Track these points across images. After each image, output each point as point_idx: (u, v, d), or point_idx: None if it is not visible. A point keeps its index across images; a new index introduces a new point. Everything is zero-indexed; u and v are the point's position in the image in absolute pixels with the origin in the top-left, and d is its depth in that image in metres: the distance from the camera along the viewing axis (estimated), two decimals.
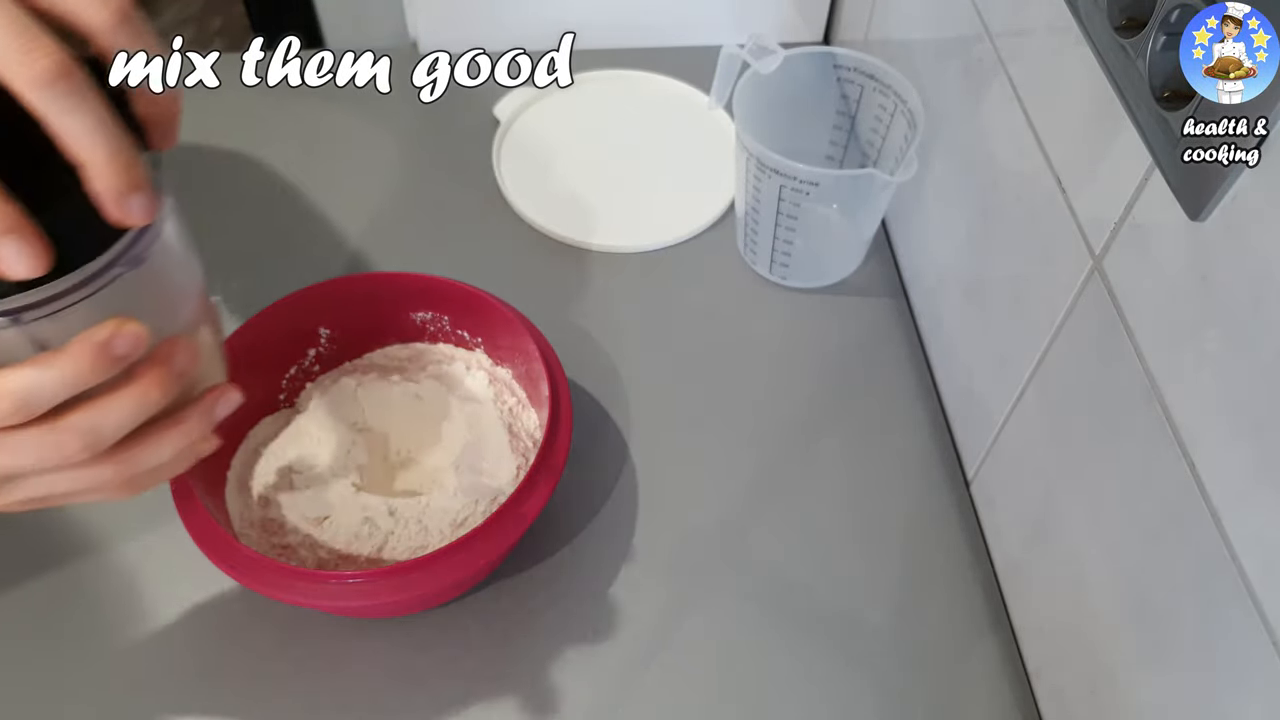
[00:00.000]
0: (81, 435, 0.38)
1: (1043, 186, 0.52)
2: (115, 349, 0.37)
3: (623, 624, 0.59)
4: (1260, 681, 0.37)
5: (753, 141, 0.66)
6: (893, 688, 0.57)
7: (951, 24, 0.65)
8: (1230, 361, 0.38)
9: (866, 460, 0.66)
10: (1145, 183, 0.43)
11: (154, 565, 0.60)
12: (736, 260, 0.77)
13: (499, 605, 0.59)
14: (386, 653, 0.58)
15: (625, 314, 0.73)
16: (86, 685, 0.56)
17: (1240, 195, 0.37)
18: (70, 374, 0.36)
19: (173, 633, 0.58)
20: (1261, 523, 0.37)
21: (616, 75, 0.89)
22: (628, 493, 0.64)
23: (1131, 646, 0.47)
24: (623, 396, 0.68)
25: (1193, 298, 0.40)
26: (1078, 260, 0.49)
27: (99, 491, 0.41)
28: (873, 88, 0.71)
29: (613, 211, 0.79)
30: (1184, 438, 0.41)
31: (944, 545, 0.63)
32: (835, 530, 0.63)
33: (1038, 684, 0.57)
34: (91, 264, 0.36)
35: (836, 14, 0.91)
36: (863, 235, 0.74)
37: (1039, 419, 0.55)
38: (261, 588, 0.51)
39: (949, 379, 0.69)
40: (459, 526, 0.57)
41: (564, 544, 0.62)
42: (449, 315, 0.65)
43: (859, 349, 0.72)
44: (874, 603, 0.60)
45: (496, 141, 0.83)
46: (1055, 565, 0.54)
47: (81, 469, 0.39)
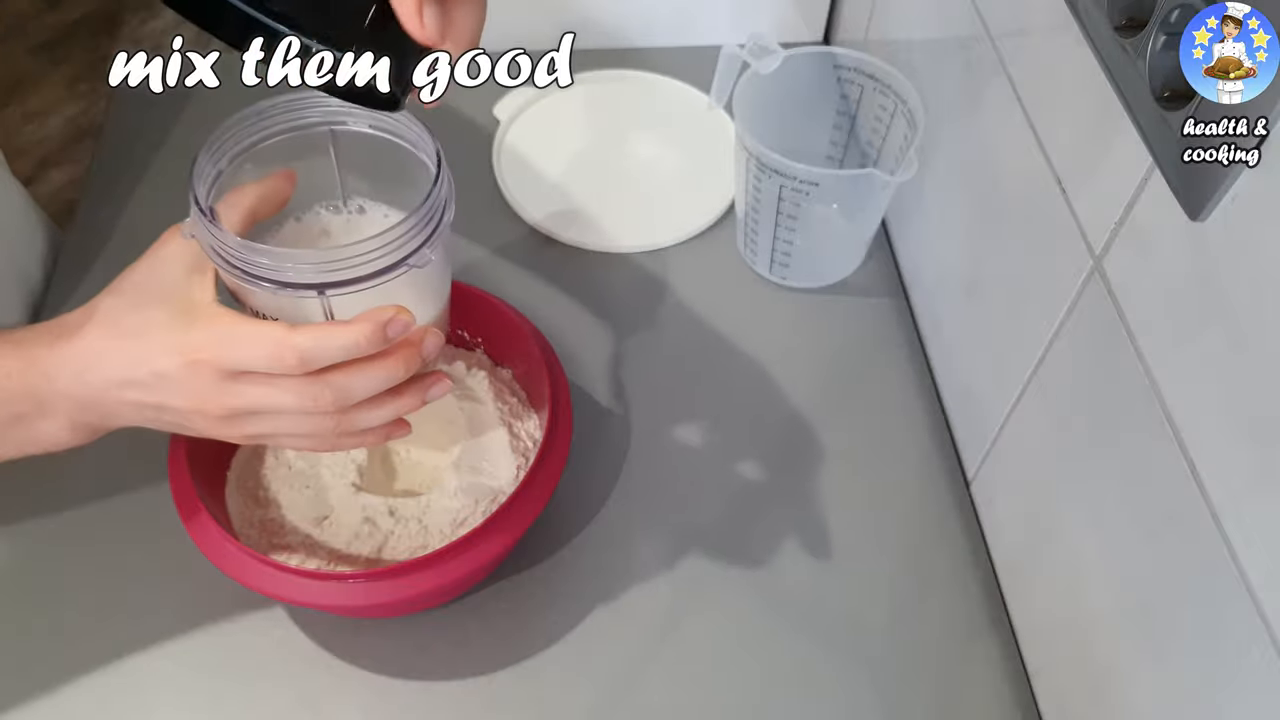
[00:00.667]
0: (336, 392, 0.45)
1: (1043, 186, 0.52)
2: (391, 330, 0.45)
3: (623, 624, 0.59)
4: (1260, 681, 0.37)
5: (753, 141, 0.66)
6: (893, 688, 0.57)
7: (951, 24, 0.65)
8: (1230, 361, 0.38)
9: (866, 460, 0.66)
10: (1145, 183, 0.43)
11: (154, 565, 0.60)
12: (736, 260, 0.77)
13: (499, 605, 0.59)
14: (386, 653, 0.58)
15: (625, 314, 0.73)
16: (86, 684, 0.56)
17: (1240, 195, 0.37)
18: (350, 343, 0.44)
19: (173, 633, 0.58)
20: (1261, 523, 0.37)
21: (616, 75, 0.89)
22: (628, 493, 0.64)
23: (1131, 646, 0.47)
24: (623, 396, 0.68)
25: (1193, 298, 0.40)
26: (1078, 260, 0.49)
27: (315, 439, 0.48)
28: (873, 88, 0.71)
29: (613, 211, 0.79)
30: (1184, 438, 0.41)
31: (944, 545, 0.63)
32: (835, 530, 0.63)
33: (1038, 684, 0.57)
34: (388, 259, 0.45)
35: (836, 14, 0.91)
36: (863, 235, 0.74)
37: (1039, 419, 0.55)
38: (261, 588, 0.51)
39: (949, 379, 0.69)
40: (459, 526, 0.57)
41: (564, 544, 0.62)
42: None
43: (859, 349, 0.72)
44: (874, 603, 0.60)
45: (496, 141, 0.83)
46: (1055, 565, 0.54)
47: (315, 417, 0.46)
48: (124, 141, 0.84)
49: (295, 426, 0.47)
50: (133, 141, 0.83)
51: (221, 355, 0.44)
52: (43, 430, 0.47)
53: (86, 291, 0.73)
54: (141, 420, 0.47)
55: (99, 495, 0.63)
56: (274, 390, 0.45)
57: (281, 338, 0.43)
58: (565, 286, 0.75)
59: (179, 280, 0.46)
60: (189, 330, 0.44)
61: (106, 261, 0.75)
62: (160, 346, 0.44)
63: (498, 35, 0.93)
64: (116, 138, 0.84)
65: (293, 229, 0.52)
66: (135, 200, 0.79)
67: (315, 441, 0.48)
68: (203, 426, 0.46)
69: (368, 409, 0.47)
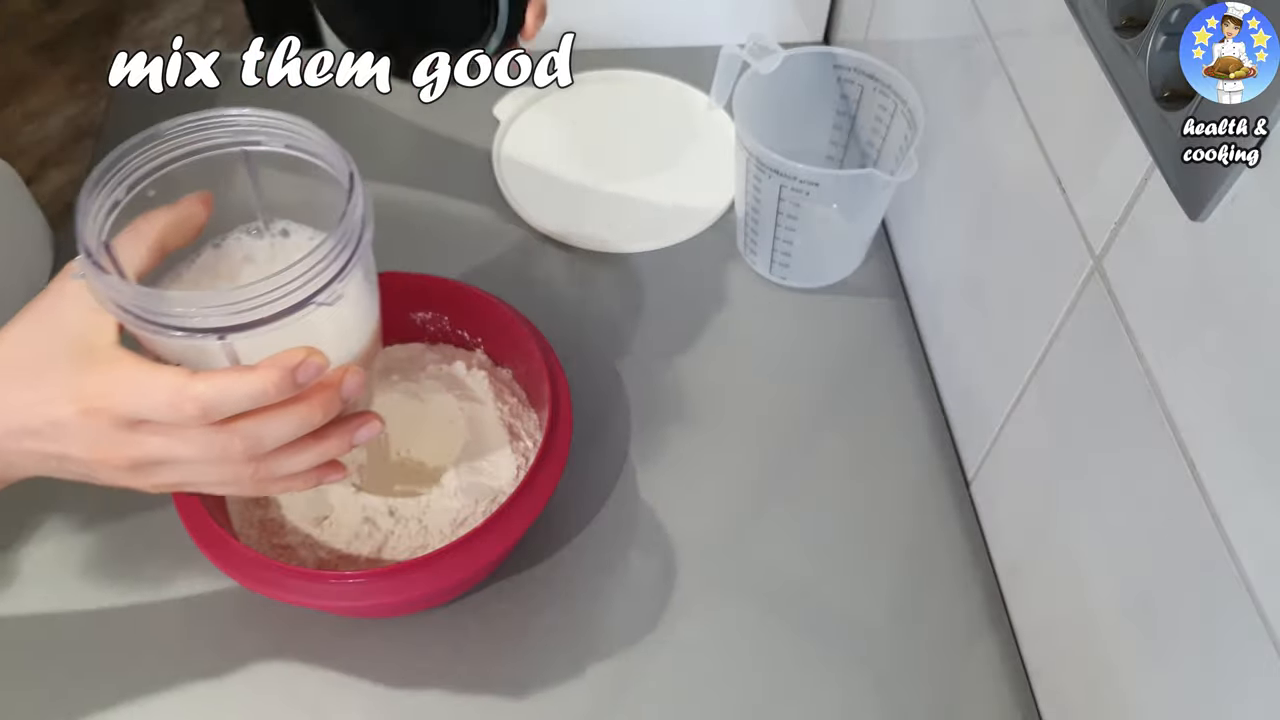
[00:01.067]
0: (245, 440, 0.42)
1: (1043, 186, 0.52)
2: (300, 375, 0.42)
3: (623, 624, 0.59)
4: (1260, 681, 0.37)
5: (753, 141, 0.66)
6: (893, 688, 0.57)
7: (951, 24, 0.65)
8: (1230, 361, 0.38)
9: (866, 460, 0.66)
10: (1145, 183, 0.43)
11: (154, 565, 0.60)
12: (736, 260, 0.77)
13: (499, 605, 0.59)
14: (386, 653, 0.58)
15: (625, 314, 0.73)
16: (86, 685, 0.56)
17: (1240, 195, 0.37)
18: (256, 391, 0.41)
19: (172, 633, 0.58)
20: (1261, 523, 0.37)
21: (616, 75, 0.89)
22: (628, 493, 0.64)
23: (1131, 646, 0.47)
24: (623, 396, 0.68)
25: (1193, 298, 0.40)
26: (1078, 260, 0.49)
27: (232, 486, 0.45)
28: (873, 88, 0.71)
29: (613, 211, 0.79)
30: (1184, 438, 0.41)
31: (944, 545, 0.63)
32: (835, 530, 0.63)
33: (1038, 684, 0.57)
34: (291, 298, 0.41)
35: (836, 14, 0.91)
36: (863, 235, 0.74)
37: (1039, 419, 0.55)
38: (261, 588, 0.51)
39: (949, 379, 0.69)
40: (459, 526, 0.57)
41: (564, 544, 0.62)
42: (449, 315, 0.65)
43: (859, 349, 0.72)
44: (874, 603, 0.60)
45: (496, 141, 0.83)
46: (1055, 565, 0.54)
47: (228, 465, 0.43)
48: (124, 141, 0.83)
49: (208, 475, 0.44)
50: None
51: (118, 404, 0.41)
52: None
53: None
54: (46, 470, 0.44)
55: (98, 495, 0.63)
56: (176, 441, 0.42)
57: (181, 386, 0.40)
58: (565, 286, 0.75)
59: (77, 320, 0.43)
60: (85, 375, 0.42)
61: None
62: (56, 392, 0.42)
63: None
64: (116, 138, 0.84)
65: (211, 256, 0.49)
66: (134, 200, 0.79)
67: (236, 488, 0.46)
68: (108, 477, 0.44)
69: (287, 455, 0.45)
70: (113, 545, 0.61)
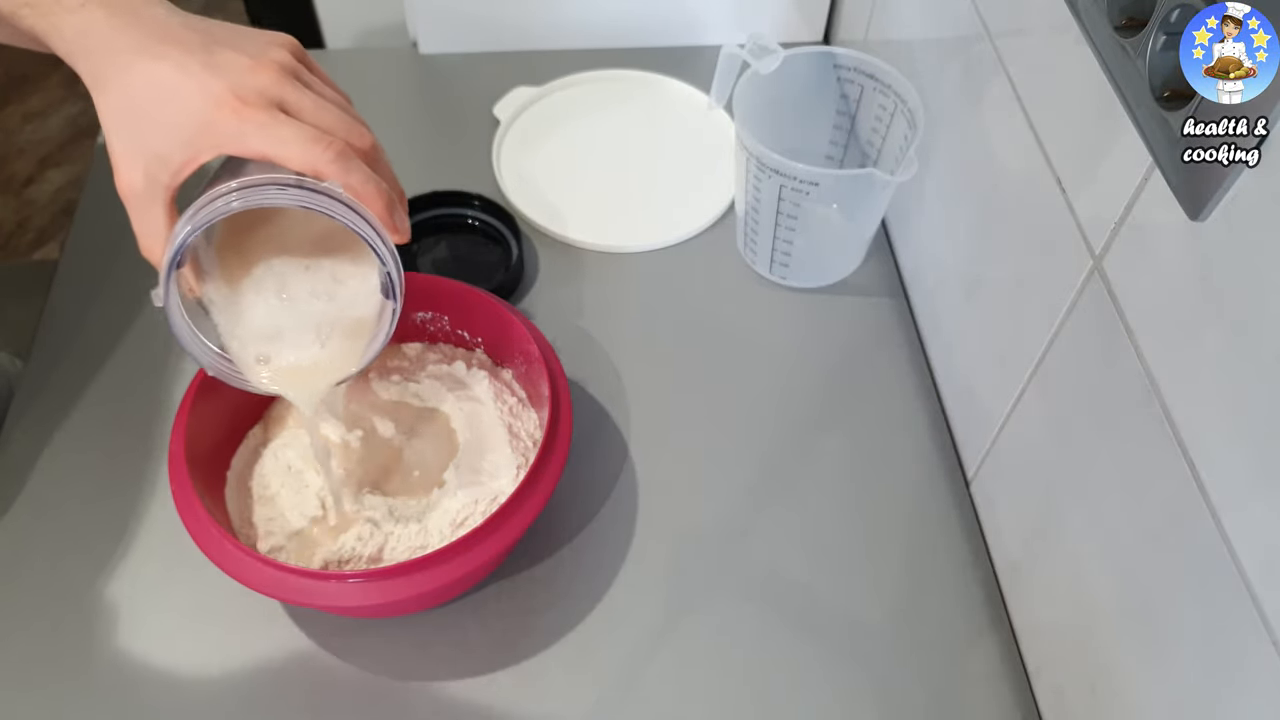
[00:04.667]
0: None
1: (1043, 186, 0.52)
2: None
3: (623, 624, 0.59)
4: (1260, 681, 0.37)
5: (753, 141, 0.66)
6: (893, 688, 0.57)
7: (951, 24, 0.65)
8: (1230, 361, 0.38)
9: (866, 460, 0.66)
10: (1145, 183, 0.43)
11: (153, 565, 0.60)
12: (736, 260, 0.77)
13: (499, 605, 0.59)
14: (386, 653, 0.58)
15: (625, 314, 0.73)
16: (85, 685, 0.56)
17: (1240, 195, 0.37)
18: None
19: (172, 633, 0.58)
20: (1261, 523, 0.37)
21: (616, 75, 0.89)
22: (628, 493, 0.64)
23: (1131, 646, 0.47)
24: (623, 396, 0.68)
25: (1193, 298, 0.40)
26: (1078, 260, 0.49)
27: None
28: (873, 88, 0.71)
29: (613, 211, 0.79)
30: (1184, 438, 0.41)
31: (944, 545, 0.63)
32: (835, 530, 0.63)
33: (1038, 684, 0.57)
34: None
35: (836, 14, 0.91)
36: (863, 235, 0.74)
37: (1039, 419, 0.55)
38: (261, 588, 0.51)
39: (949, 379, 0.69)
40: (459, 526, 0.57)
41: (564, 544, 0.62)
42: (449, 315, 0.65)
43: (859, 349, 0.72)
44: (874, 602, 0.60)
45: (496, 141, 0.83)
46: (1055, 565, 0.54)
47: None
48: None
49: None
50: None
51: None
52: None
53: (88, 291, 0.73)
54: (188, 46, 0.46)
55: (98, 495, 0.63)
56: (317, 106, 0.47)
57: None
58: (565, 286, 0.75)
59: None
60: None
61: (107, 261, 0.75)
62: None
63: (498, 34, 0.94)
64: None
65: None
66: None
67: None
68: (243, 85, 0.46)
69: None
70: (112, 544, 0.61)
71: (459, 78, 0.90)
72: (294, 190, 0.46)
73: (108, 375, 0.69)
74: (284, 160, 0.46)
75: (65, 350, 0.70)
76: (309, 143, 0.46)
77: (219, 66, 0.45)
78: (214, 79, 0.45)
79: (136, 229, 0.47)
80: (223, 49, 0.46)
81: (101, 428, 0.66)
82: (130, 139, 0.46)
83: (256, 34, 0.49)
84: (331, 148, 0.46)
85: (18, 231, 1.80)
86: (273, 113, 0.46)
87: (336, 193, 0.46)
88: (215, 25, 0.48)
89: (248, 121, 0.45)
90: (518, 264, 0.73)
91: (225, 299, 0.51)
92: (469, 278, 0.62)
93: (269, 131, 0.45)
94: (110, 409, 0.67)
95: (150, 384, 0.68)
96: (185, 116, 0.45)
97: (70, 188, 1.86)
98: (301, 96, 0.47)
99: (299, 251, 0.52)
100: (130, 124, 0.46)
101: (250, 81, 0.46)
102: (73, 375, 0.68)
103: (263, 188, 0.46)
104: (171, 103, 0.45)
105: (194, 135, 0.45)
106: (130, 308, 0.72)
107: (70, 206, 1.84)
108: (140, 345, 0.70)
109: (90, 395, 0.68)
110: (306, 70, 0.49)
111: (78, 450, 0.65)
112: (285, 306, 0.51)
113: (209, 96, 0.45)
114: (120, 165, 0.46)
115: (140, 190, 0.46)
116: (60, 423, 0.66)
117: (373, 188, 0.47)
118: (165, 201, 0.46)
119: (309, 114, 0.47)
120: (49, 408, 0.67)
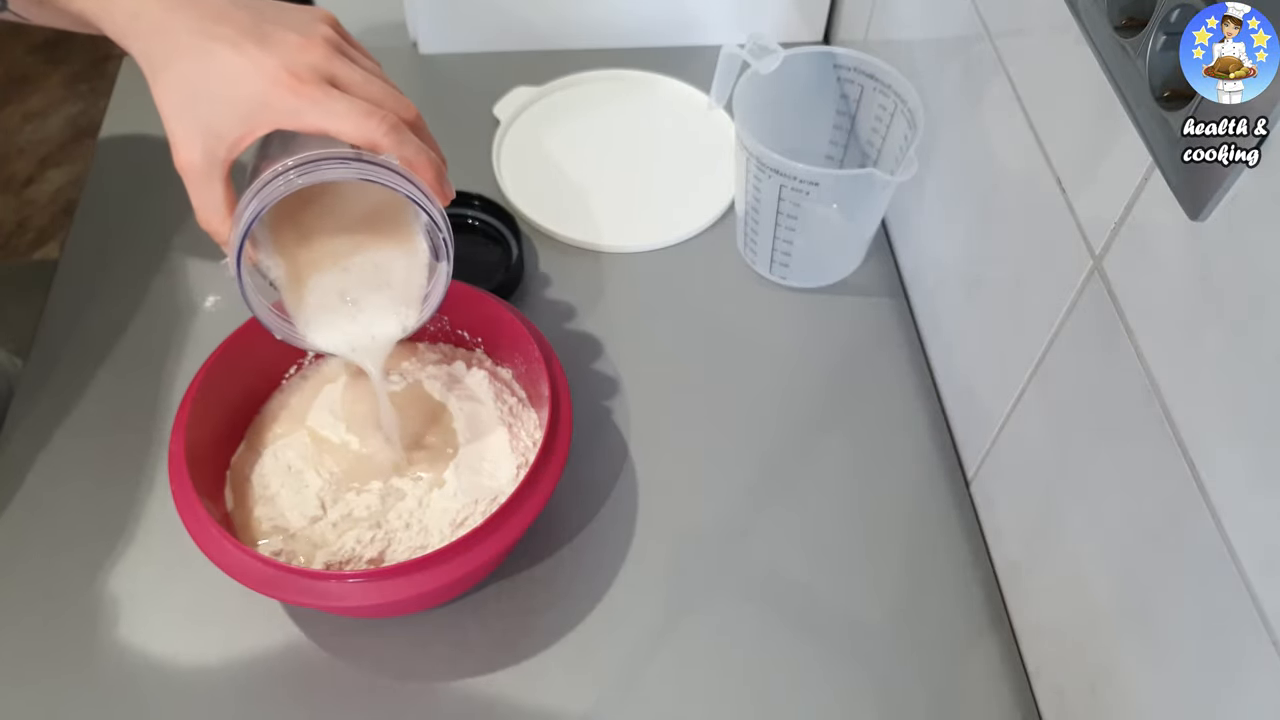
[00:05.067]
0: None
1: (1043, 186, 0.52)
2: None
3: (623, 624, 0.59)
4: (1260, 681, 0.37)
5: (753, 141, 0.66)
6: (893, 688, 0.57)
7: (951, 24, 0.65)
8: (1230, 361, 0.38)
9: (866, 460, 0.66)
10: (1145, 183, 0.43)
11: (153, 565, 0.60)
12: (736, 260, 0.77)
13: (499, 605, 0.59)
14: (386, 653, 0.58)
15: (625, 314, 0.73)
16: (85, 685, 0.56)
17: (1240, 195, 0.37)
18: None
19: (172, 632, 0.58)
20: (1261, 522, 0.37)
21: (616, 75, 0.89)
22: (628, 493, 0.64)
23: (1131, 646, 0.47)
24: (623, 396, 0.68)
25: (1193, 298, 0.40)
26: (1078, 260, 0.49)
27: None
28: (873, 88, 0.71)
29: (613, 211, 0.79)
30: (1184, 438, 0.41)
31: (944, 545, 0.63)
32: (835, 530, 0.63)
33: (1038, 684, 0.57)
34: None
35: (836, 14, 0.91)
36: (863, 235, 0.74)
37: (1039, 419, 0.55)
38: (261, 588, 0.51)
39: (949, 379, 0.69)
40: (459, 526, 0.57)
41: (564, 544, 0.62)
42: (449, 315, 0.65)
43: (859, 349, 0.72)
44: (874, 602, 0.60)
45: (496, 141, 0.83)
46: (1055, 565, 0.54)
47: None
48: (124, 141, 0.84)
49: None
50: (133, 141, 0.83)
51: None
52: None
53: (88, 291, 0.73)
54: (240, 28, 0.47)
55: (99, 495, 0.63)
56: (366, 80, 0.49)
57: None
58: (565, 286, 0.75)
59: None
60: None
61: (107, 260, 0.75)
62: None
63: (498, 34, 0.94)
64: (116, 138, 0.84)
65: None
66: (135, 200, 0.79)
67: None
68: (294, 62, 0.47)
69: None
70: (112, 544, 0.61)
71: (459, 78, 0.90)
72: (355, 164, 0.47)
73: (107, 374, 0.69)
74: (340, 134, 0.47)
75: (65, 349, 0.70)
76: (363, 117, 0.47)
77: (272, 44, 0.47)
78: (268, 57, 0.46)
79: (195, 203, 0.49)
80: (274, 27, 0.47)
81: (101, 427, 0.66)
82: (188, 118, 0.47)
83: (300, 10, 0.50)
84: (386, 121, 0.47)
85: (18, 231, 1.80)
86: (325, 88, 0.47)
87: (393, 164, 0.48)
88: (261, 3, 0.49)
89: (303, 98, 0.46)
90: (518, 264, 0.73)
91: (285, 273, 0.53)
92: (469, 278, 0.62)
93: (324, 106, 0.47)
94: (110, 408, 0.67)
95: (149, 383, 0.68)
96: (243, 94, 0.46)
97: (70, 188, 1.86)
98: (351, 71, 0.48)
99: (349, 223, 0.54)
100: (188, 103, 0.47)
101: (303, 58, 0.47)
102: (72, 374, 0.69)
103: (323, 162, 0.47)
104: (229, 82, 0.46)
105: (251, 112, 0.47)
106: (130, 307, 0.72)
107: (70, 206, 1.84)
108: (139, 345, 0.70)
109: (90, 394, 0.68)
110: (347, 44, 0.51)
111: (77, 449, 0.65)
112: (343, 299, 0.54)
113: (265, 74, 0.46)
114: (179, 143, 0.47)
115: (199, 166, 0.48)
116: (60, 421, 0.66)
117: (424, 158, 0.49)
118: (222, 176, 0.48)
119: (359, 88, 0.48)
120: (49, 407, 0.67)
